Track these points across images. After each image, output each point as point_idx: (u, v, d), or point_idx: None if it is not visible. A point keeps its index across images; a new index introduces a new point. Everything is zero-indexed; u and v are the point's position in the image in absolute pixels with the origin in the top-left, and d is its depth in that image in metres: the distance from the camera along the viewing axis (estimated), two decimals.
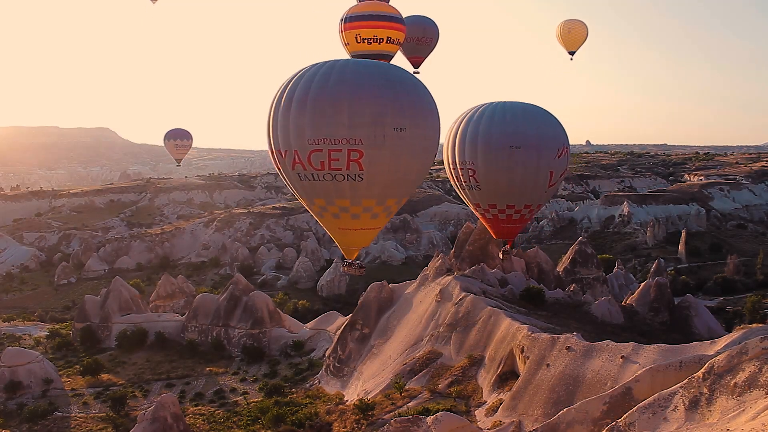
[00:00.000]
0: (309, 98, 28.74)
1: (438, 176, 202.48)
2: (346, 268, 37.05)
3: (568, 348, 33.85)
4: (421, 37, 67.47)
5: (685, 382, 21.54)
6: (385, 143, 29.01)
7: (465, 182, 41.62)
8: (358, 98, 28.77)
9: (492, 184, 40.94)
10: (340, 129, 28.49)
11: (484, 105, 42.10)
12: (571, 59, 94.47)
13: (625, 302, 59.74)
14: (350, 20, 54.62)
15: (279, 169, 32.52)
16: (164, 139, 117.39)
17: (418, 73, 69.88)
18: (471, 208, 45.68)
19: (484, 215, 43.84)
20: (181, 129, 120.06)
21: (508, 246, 46.99)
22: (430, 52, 69.93)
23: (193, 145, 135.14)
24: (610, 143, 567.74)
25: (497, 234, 45.14)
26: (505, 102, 42.12)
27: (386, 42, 54.66)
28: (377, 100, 29.10)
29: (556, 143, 41.60)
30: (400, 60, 69.17)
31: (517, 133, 39.89)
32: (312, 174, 29.74)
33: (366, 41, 54.14)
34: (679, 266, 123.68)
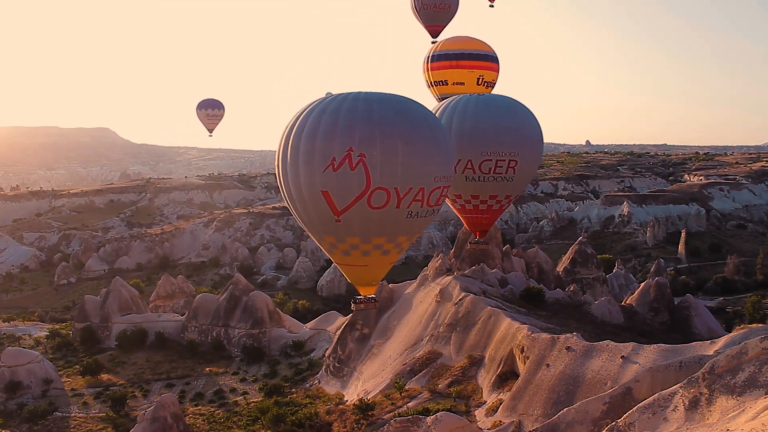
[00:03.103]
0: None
1: None
2: (363, 305, 34.22)
3: (568, 348, 33.85)
4: (439, 3, 64.18)
5: (685, 382, 21.52)
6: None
7: (495, 173, 39.64)
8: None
9: (527, 175, 40.97)
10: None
11: (470, 96, 41.26)
12: None
13: (625, 302, 59.74)
14: (438, 59, 51.81)
15: None
16: (196, 109, 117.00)
17: (436, 42, 66.93)
18: (465, 201, 43.33)
19: (491, 207, 42.89)
20: (213, 99, 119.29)
21: (484, 237, 46.61)
22: (450, 20, 66.16)
23: (193, 145, 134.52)
24: (610, 143, 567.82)
25: (485, 225, 44.51)
26: (494, 94, 42.14)
27: (476, 84, 51.74)
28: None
29: None
30: (419, 30, 66.51)
31: (537, 126, 40.45)
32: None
33: (456, 84, 50.74)
34: (679, 266, 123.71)
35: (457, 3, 65.53)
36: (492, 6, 71.81)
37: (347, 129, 27.95)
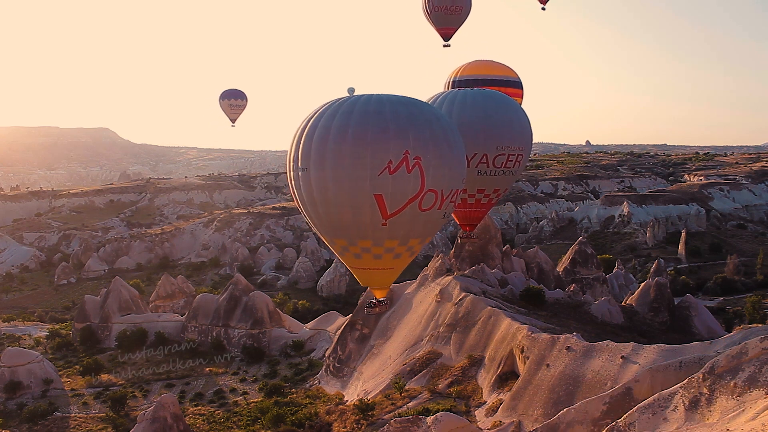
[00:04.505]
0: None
1: None
2: (378, 308, 34.80)
3: (568, 348, 33.87)
4: (450, 5, 62.38)
5: (685, 382, 21.55)
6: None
7: (505, 167, 39.90)
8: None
9: (523, 169, 41.50)
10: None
11: (471, 89, 41.25)
12: None
13: (625, 302, 59.75)
14: (458, 84, 51.43)
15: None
16: (219, 99, 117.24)
17: (448, 46, 64.63)
18: (468, 195, 43.21)
19: (491, 200, 43.05)
20: (235, 89, 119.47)
21: (473, 231, 46.67)
22: (462, 23, 64.51)
23: (193, 145, 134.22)
24: (610, 143, 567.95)
25: (478, 219, 44.60)
26: (489, 90, 42.14)
27: None
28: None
29: None
30: (429, 33, 65.48)
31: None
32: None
33: None
34: (679, 266, 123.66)
35: (470, 5, 64.32)
36: (544, 9, 71.46)
37: (400, 131, 27.77)
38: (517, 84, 52.46)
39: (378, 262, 31.05)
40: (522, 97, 52.94)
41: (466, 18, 64.28)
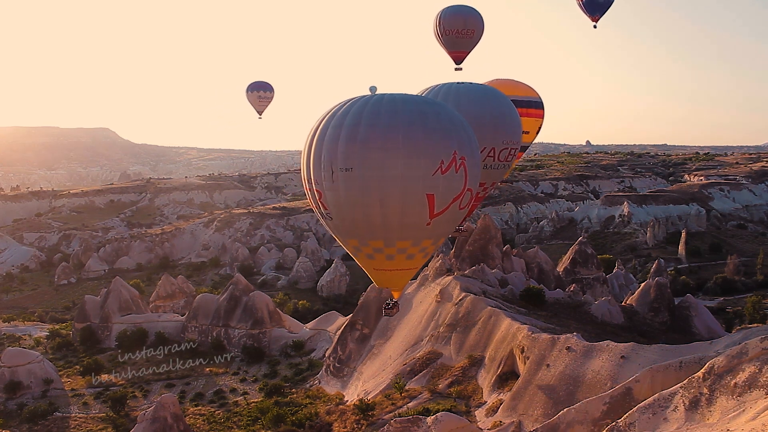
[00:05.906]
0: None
1: None
2: (395, 310, 34.79)
3: (568, 348, 33.87)
4: (462, 29, 61.07)
5: (685, 382, 21.53)
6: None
7: (506, 161, 40.03)
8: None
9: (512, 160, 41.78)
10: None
11: (469, 84, 41.07)
12: None
13: (625, 302, 59.76)
14: None
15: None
16: (246, 91, 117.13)
17: (460, 69, 63.71)
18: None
19: (486, 193, 43.47)
20: (263, 81, 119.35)
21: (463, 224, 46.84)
22: (474, 46, 63.34)
23: (193, 145, 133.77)
24: (610, 143, 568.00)
25: (470, 212, 44.88)
26: (481, 84, 42.11)
27: (535, 133, 50.73)
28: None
29: None
30: (442, 56, 65.08)
31: None
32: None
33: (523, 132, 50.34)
34: (679, 266, 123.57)
35: (482, 29, 63.35)
36: (595, 27, 71.69)
37: (448, 132, 27.93)
38: (538, 104, 52.10)
39: (409, 262, 30.75)
40: (543, 118, 52.53)
41: (479, 41, 63.61)
